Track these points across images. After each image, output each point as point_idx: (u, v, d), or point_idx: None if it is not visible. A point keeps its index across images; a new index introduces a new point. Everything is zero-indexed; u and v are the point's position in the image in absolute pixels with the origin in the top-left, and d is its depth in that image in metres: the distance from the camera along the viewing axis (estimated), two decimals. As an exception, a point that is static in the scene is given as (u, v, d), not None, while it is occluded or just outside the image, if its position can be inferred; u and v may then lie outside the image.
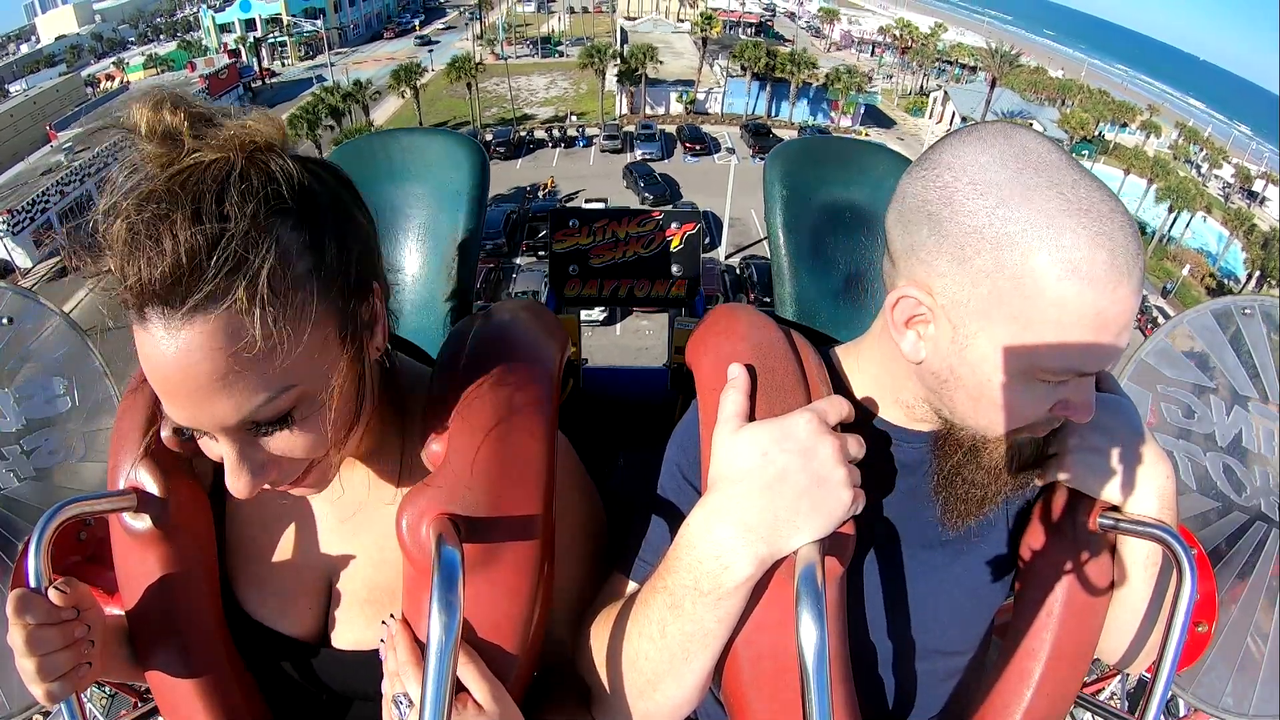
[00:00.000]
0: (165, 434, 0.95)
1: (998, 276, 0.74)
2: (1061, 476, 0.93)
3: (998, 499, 0.89)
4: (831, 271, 1.26)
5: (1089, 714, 1.26)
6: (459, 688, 0.81)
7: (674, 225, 1.80)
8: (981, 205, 0.75)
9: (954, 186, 0.77)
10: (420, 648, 0.83)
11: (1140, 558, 0.95)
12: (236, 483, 0.77)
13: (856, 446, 0.82)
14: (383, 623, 0.88)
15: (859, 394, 0.98)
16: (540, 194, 33.57)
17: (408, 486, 0.93)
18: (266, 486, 0.81)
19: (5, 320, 1.41)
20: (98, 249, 0.69)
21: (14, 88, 51.31)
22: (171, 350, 0.68)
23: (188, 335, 0.67)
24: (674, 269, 1.81)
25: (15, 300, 1.43)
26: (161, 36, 69.12)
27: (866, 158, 1.34)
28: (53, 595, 0.84)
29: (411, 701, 0.80)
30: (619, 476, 1.71)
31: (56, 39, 65.87)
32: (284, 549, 1.01)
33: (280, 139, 0.77)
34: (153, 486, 0.92)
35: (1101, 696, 2.67)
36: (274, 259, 0.69)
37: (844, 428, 0.85)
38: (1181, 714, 1.71)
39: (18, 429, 1.40)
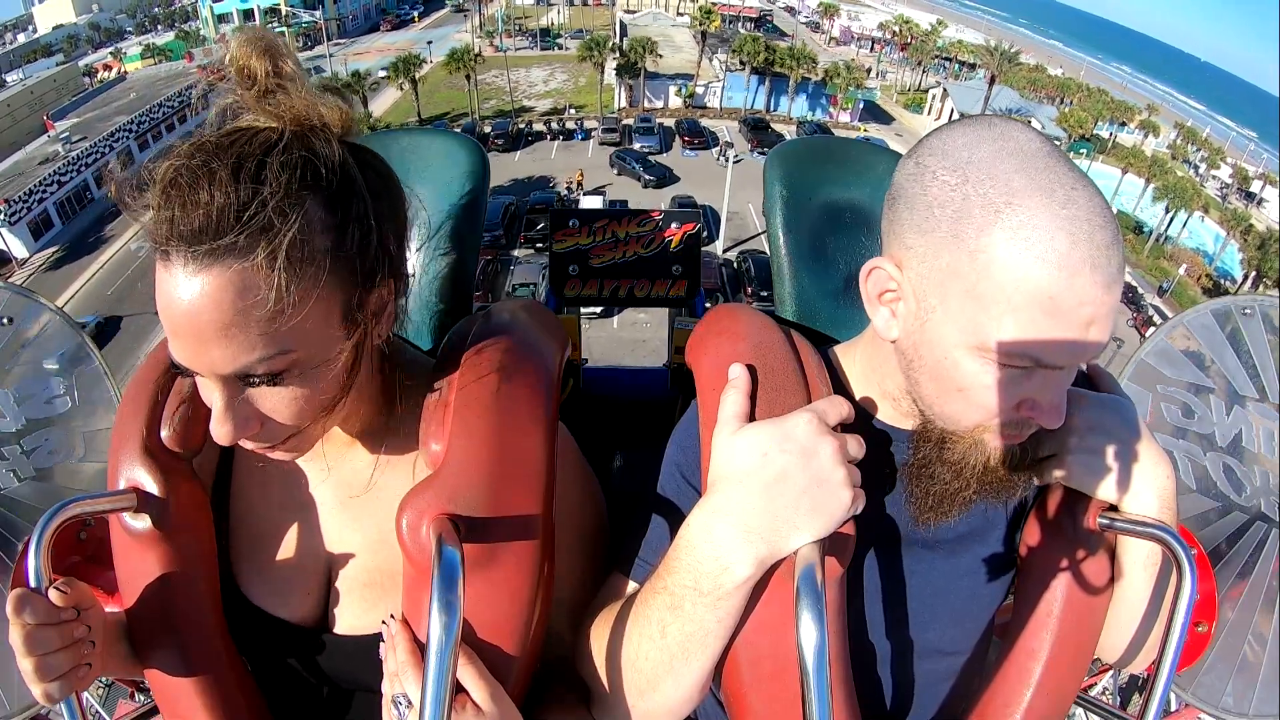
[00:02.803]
0: (165, 434, 0.96)
1: (955, 249, 0.75)
2: (1060, 476, 0.92)
3: (960, 499, 0.87)
4: (831, 271, 1.26)
5: (1084, 711, 1.27)
6: (458, 688, 0.81)
7: (674, 225, 1.80)
8: (948, 180, 0.76)
9: (928, 163, 0.79)
10: (420, 648, 0.83)
11: (1140, 557, 0.95)
12: (219, 429, 0.79)
13: (856, 447, 0.82)
14: (383, 623, 0.88)
15: (858, 394, 0.98)
16: (568, 188, 33.34)
17: (407, 471, 0.95)
18: (249, 445, 0.84)
19: (5, 320, 1.41)
20: (144, 185, 0.74)
21: (11, 77, 51.02)
22: (185, 292, 0.72)
23: (203, 281, 0.72)
24: (674, 269, 1.81)
25: (15, 300, 1.42)
26: (159, 26, 68.85)
27: (867, 158, 1.34)
28: (53, 595, 0.84)
29: (411, 702, 0.80)
30: (617, 476, 1.72)
31: (54, 29, 65.50)
32: (285, 535, 1.01)
33: (340, 125, 0.84)
34: (153, 486, 0.92)
35: (1093, 692, 2.68)
36: (297, 230, 0.74)
37: (844, 428, 0.85)
38: (1172, 708, 1.71)
39: (18, 429, 1.40)
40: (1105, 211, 0.73)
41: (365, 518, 1.00)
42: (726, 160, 35.90)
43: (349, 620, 1.00)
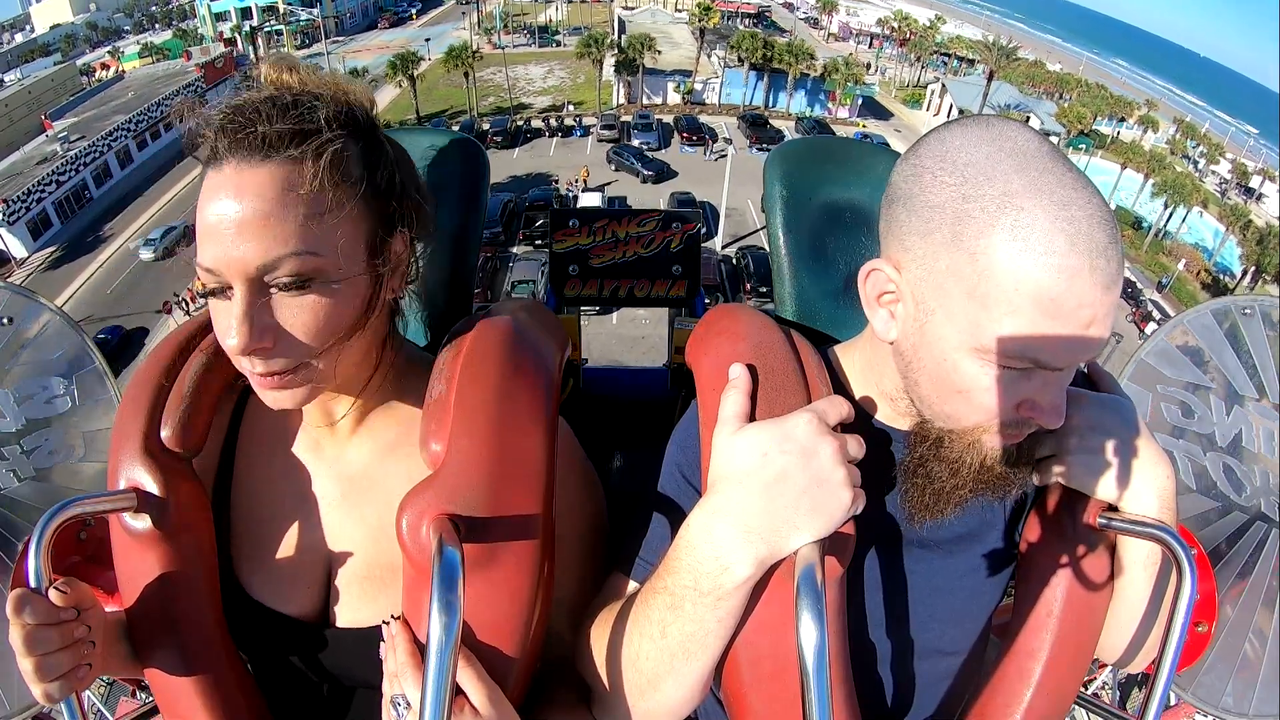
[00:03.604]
0: (165, 434, 0.96)
1: (955, 252, 0.75)
2: (1060, 476, 0.92)
3: (956, 498, 0.87)
4: (831, 271, 1.26)
5: (1086, 712, 1.27)
6: (456, 691, 0.81)
7: (674, 225, 1.81)
8: (947, 181, 0.76)
9: (926, 165, 0.79)
10: (420, 648, 0.83)
11: (1140, 557, 0.95)
12: (235, 334, 0.81)
13: (856, 447, 0.82)
14: (384, 623, 0.88)
15: (858, 394, 0.98)
16: (569, 188, 33.23)
17: (407, 464, 0.95)
18: (258, 368, 0.84)
19: (5, 320, 1.41)
20: (208, 125, 0.83)
21: (9, 77, 50.96)
22: (233, 184, 0.79)
23: (251, 173, 0.80)
24: (674, 269, 1.81)
25: (15, 300, 1.42)
26: (157, 25, 68.67)
27: (867, 158, 1.33)
28: (53, 595, 0.84)
29: (410, 703, 0.80)
30: (617, 476, 1.72)
31: (51, 28, 65.35)
32: (285, 529, 1.02)
33: (367, 102, 0.95)
34: (153, 486, 0.92)
35: (1093, 686, 2.68)
36: (340, 146, 0.84)
37: (844, 428, 0.85)
38: (1171, 703, 1.71)
39: (18, 429, 1.40)
40: (1104, 211, 0.73)
41: (366, 508, 1.01)
42: (709, 156, 36.39)
43: (349, 613, 1.00)
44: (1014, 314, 0.73)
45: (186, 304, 24.18)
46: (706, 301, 1.65)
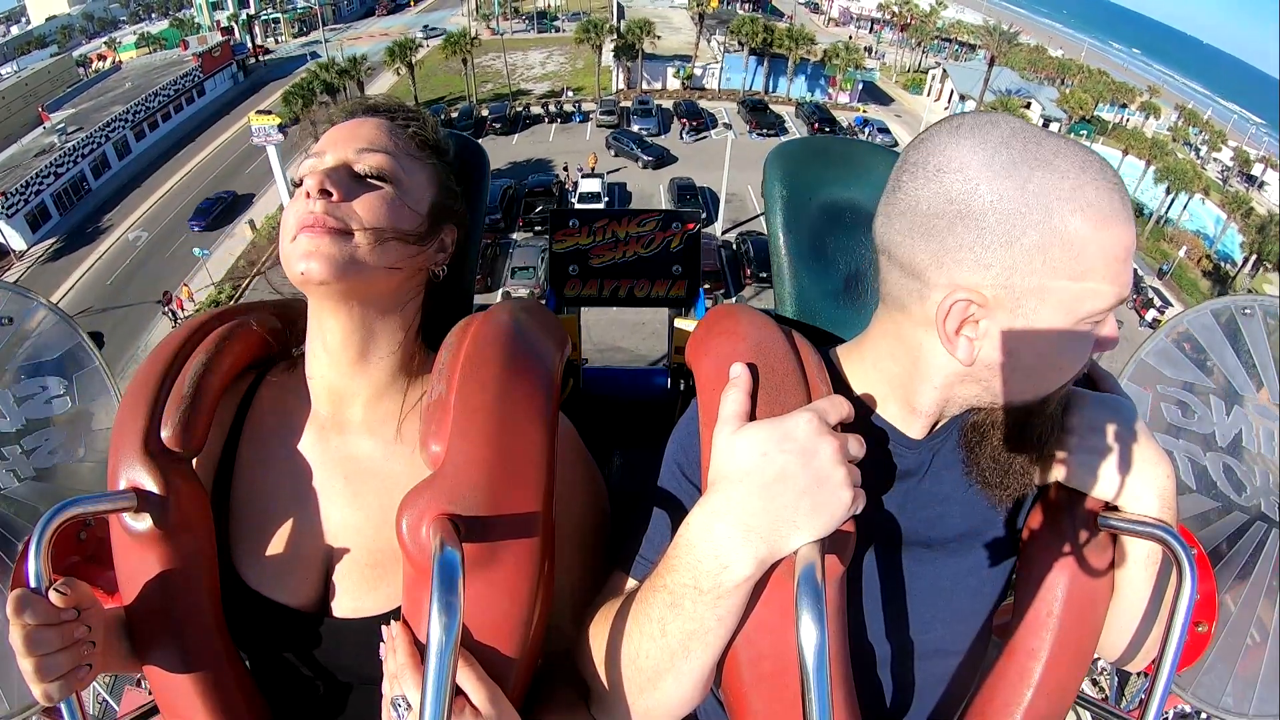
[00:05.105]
0: (165, 434, 0.96)
1: (1049, 247, 0.77)
2: (1060, 476, 0.93)
3: (1033, 462, 0.92)
4: (831, 271, 1.26)
5: (1088, 714, 1.27)
6: (456, 691, 0.81)
7: (673, 225, 1.81)
8: (1008, 187, 0.78)
9: (976, 180, 0.79)
10: (420, 649, 0.83)
11: (1140, 557, 0.95)
12: (320, 173, 0.95)
13: (857, 446, 0.82)
14: (384, 625, 0.88)
15: (858, 393, 0.98)
16: (582, 172, 33.10)
17: (412, 456, 0.97)
18: (314, 209, 0.93)
19: (5, 320, 1.40)
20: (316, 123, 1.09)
21: (5, 70, 50.66)
22: (350, 123, 1.05)
23: (364, 119, 1.06)
24: (674, 269, 1.82)
25: (15, 300, 1.42)
26: (153, 15, 68.22)
27: (867, 158, 1.34)
28: (53, 596, 0.84)
29: (410, 704, 0.81)
30: (617, 476, 1.72)
31: (47, 20, 64.73)
32: (285, 518, 1.03)
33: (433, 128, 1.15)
34: (153, 486, 0.92)
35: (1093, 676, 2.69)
36: (425, 133, 1.09)
37: (844, 427, 0.85)
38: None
39: (18, 429, 1.39)
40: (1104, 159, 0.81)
41: (368, 495, 1.02)
42: (687, 138, 37.61)
43: (350, 601, 1.01)
44: (1106, 274, 0.78)
45: (175, 313, 24.13)
46: (708, 291, 1.65)
